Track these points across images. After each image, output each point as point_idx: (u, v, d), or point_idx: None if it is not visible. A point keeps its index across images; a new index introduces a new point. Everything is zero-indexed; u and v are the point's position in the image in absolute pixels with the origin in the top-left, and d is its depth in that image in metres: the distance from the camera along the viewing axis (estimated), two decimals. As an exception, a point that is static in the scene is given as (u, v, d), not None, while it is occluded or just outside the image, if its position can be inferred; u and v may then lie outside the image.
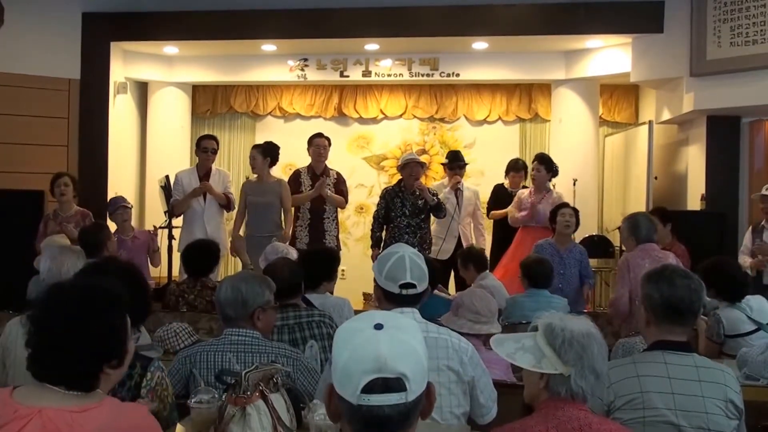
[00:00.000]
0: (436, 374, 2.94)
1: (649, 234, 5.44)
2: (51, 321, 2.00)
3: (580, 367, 2.21)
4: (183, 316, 5.01)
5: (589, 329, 2.26)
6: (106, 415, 1.99)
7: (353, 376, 1.54)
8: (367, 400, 1.53)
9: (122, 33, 8.79)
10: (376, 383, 1.53)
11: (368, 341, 1.57)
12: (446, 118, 10.15)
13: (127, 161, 9.56)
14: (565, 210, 6.54)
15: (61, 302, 2.03)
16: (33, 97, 8.40)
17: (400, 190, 7.21)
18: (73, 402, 1.98)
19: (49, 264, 4.00)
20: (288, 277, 3.99)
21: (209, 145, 7.40)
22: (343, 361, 1.56)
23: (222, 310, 3.29)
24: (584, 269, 6.47)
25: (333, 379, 1.60)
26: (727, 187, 8.02)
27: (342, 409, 1.59)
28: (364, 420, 1.55)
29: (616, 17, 8.16)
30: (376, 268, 3.06)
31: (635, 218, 5.57)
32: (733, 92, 7.58)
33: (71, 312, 2.01)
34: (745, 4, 7.49)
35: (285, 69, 9.48)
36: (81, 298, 2.05)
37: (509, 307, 5.22)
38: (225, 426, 2.53)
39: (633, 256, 5.38)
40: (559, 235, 6.49)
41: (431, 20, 8.44)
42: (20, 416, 1.92)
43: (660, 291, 2.82)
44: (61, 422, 1.92)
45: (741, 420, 2.78)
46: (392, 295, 3.00)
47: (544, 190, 7.52)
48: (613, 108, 9.97)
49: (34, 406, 1.95)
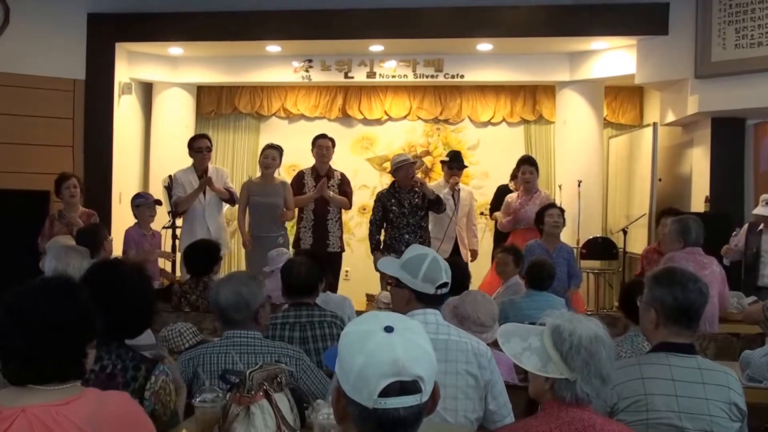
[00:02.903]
0: (454, 377, 2.95)
1: (698, 238, 5.54)
2: (19, 322, 2.00)
3: (587, 373, 2.20)
4: (187, 316, 5.03)
5: (597, 332, 2.24)
6: (91, 405, 1.99)
7: (370, 381, 1.53)
8: (384, 404, 1.53)
9: (127, 34, 8.80)
10: (393, 386, 1.53)
11: (383, 345, 1.56)
12: (450, 119, 10.15)
13: (132, 162, 9.57)
14: (552, 210, 6.57)
15: (21, 302, 2.04)
16: (38, 98, 8.41)
17: (395, 191, 7.15)
18: (55, 396, 1.98)
19: (54, 264, 4.02)
20: (305, 276, 4.02)
21: (203, 144, 7.41)
22: (358, 366, 1.55)
23: (223, 314, 3.28)
24: (572, 268, 6.52)
25: (344, 383, 1.59)
26: (731, 189, 8.01)
27: (352, 412, 1.58)
28: (378, 422, 1.55)
29: (621, 19, 8.15)
30: (405, 271, 3.02)
31: (686, 221, 5.64)
32: (737, 94, 7.57)
33: (34, 307, 2.02)
34: (750, 6, 7.49)
35: (289, 70, 9.48)
36: (38, 293, 2.06)
37: (507, 309, 5.21)
38: (229, 425, 2.54)
39: (678, 256, 5.42)
40: (547, 236, 6.53)
41: (436, 21, 8.44)
42: (3, 417, 1.92)
43: (673, 294, 2.81)
44: (47, 417, 1.92)
45: (744, 422, 2.78)
46: (427, 296, 3.01)
47: (533, 191, 7.56)
48: (618, 110, 9.96)
49: (16, 406, 1.95)
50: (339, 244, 7.52)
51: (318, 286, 4.16)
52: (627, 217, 8.72)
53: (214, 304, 3.32)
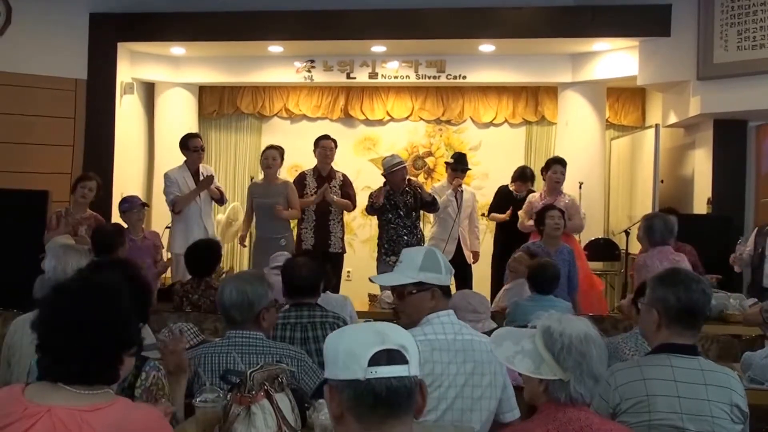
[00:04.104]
0: (480, 378, 2.97)
1: (663, 236, 5.51)
2: (63, 319, 1.99)
3: (579, 373, 2.21)
4: (188, 316, 5.02)
5: (587, 332, 2.25)
6: (117, 415, 1.95)
7: (357, 353, 1.64)
8: (375, 372, 1.62)
9: (129, 33, 8.81)
10: (381, 356, 1.63)
11: (364, 326, 1.74)
12: (452, 120, 10.15)
13: (134, 162, 9.57)
14: (553, 212, 6.49)
15: (67, 300, 2.02)
16: (40, 97, 8.42)
17: (390, 194, 7.07)
18: (84, 401, 1.95)
19: (54, 263, 4.01)
20: (307, 277, 4.01)
21: (198, 143, 7.42)
22: (344, 347, 1.67)
23: (227, 313, 3.27)
24: (572, 268, 6.46)
25: (333, 371, 1.68)
26: (733, 191, 8.01)
27: (347, 398, 1.64)
28: (373, 395, 1.62)
29: (624, 20, 8.16)
30: (427, 272, 3.01)
31: (651, 221, 5.63)
32: (739, 96, 7.57)
33: (81, 306, 2.00)
34: (753, 8, 7.49)
35: (292, 70, 9.48)
36: (88, 292, 2.04)
37: (513, 312, 5.21)
38: (230, 425, 2.53)
39: (649, 257, 5.44)
40: (548, 237, 6.42)
41: (438, 22, 8.45)
42: (29, 414, 1.90)
43: (677, 295, 2.80)
44: (71, 421, 1.90)
45: (745, 424, 2.77)
46: (449, 289, 3.12)
47: (557, 193, 7.41)
48: (620, 111, 9.96)
49: (44, 404, 1.92)
50: (340, 245, 7.52)
51: (320, 286, 4.15)
52: (629, 218, 8.71)
53: (219, 302, 3.31)
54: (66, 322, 1.98)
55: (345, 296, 5.14)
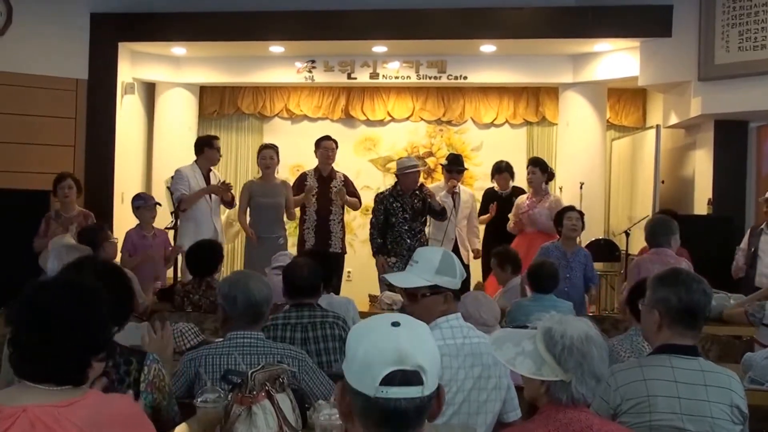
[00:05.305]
0: (486, 381, 2.96)
1: (663, 239, 5.50)
2: (38, 318, 2.00)
3: (581, 374, 2.20)
4: (189, 316, 5.02)
5: (588, 332, 2.24)
6: (92, 407, 1.99)
7: (373, 368, 1.56)
8: (386, 393, 1.55)
9: (130, 33, 8.81)
10: (395, 376, 1.55)
11: (387, 335, 1.61)
12: (453, 120, 10.15)
13: (134, 162, 9.57)
14: (571, 213, 6.52)
15: (45, 299, 2.03)
16: (40, 97, 8.42)
17: (398, 195, 7.06)
18: (57, 397, 1.97)
19: (56, 263, 4.01)
20: (307, 277, 4.01)
21: (219, 144, 7.43)
22: (362, 353, 1.59)
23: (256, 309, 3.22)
24: (589, 271, 6.46)
25: (348, 373, 1.62)
26: (734, 192, 8.02)
27: (356, 405, 1.60)
28: (380, 413, 1.57)
29: (625, 21, 8.17)
30: (443, 275, 2.97)
31: (651, 223, 5.64)
32: (740, 97, 7.57)
33: (58, 307, 2.01)
34: (754, 9, 7.49)
35: (292, 70, 9.49)
36: (64, 293, 2.06)
37: (514, 312, 5.21)
38: (231, 425, 2.54)
39: (644, 260, 5.44)
40: (565, 239, 6.48)
41: (439, 23, 8.45)
42: (5, 416, 1.92)
43: (678, 295, 2.79)
44: (48, 418, 1.92)
45: (745, 425, 2.77)
46: (459, 292, 3.09)
47: (542, 193, 7.52)
48: (621, 112, 9.96)
49: (17, 405, 1.94)
50: (341, 245, 7.52)
51: (320, 287, 4.16)
52: (629, 219, 8.71)
53: (244, 300, 3.21)
54: (41, 322, 2.00)
55: (349, 299, 5.13)
